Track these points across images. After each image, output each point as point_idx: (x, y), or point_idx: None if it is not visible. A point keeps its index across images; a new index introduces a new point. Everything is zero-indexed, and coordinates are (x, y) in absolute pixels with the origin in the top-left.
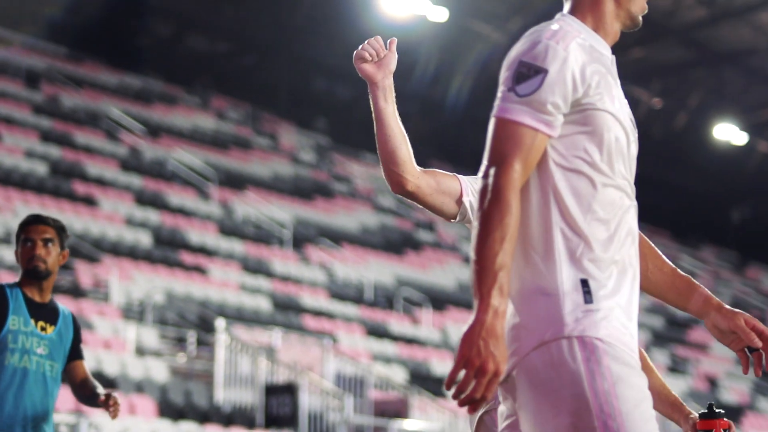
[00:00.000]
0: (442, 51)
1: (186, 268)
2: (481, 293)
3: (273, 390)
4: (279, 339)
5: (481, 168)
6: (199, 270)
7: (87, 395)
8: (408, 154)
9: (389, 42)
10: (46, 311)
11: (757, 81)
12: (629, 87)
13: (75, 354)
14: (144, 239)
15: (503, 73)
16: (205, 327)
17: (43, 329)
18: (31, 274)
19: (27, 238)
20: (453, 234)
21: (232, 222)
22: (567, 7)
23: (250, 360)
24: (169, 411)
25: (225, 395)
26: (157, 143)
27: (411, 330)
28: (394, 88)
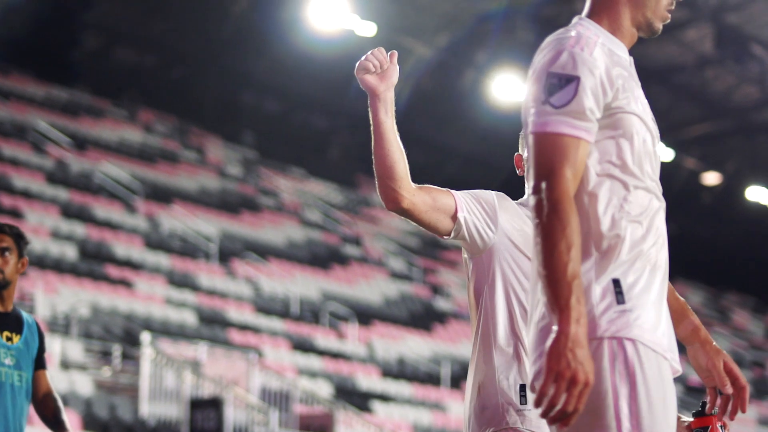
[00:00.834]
0: None
1: (112, 281)
2: (560, 305)
3: (198, 404)
4: (204, 353)
5: (529, 184)
6: (125, 283)
7: (49, 419)
8: (405, 170)
9: (390, 54)
10: (9, 320)
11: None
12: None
13: (39, 364)
14: (70, 252)
15: (531, 87)
16: (131, 341)
17: (9, 339)
18: None
19: None
20: (379, 249)
21: (158, 235)
22: (585, 10)
23: (175, 374)
24: (94, 425)
25: (150, 409)
26: (84, 156)
27: (337, 344)
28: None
